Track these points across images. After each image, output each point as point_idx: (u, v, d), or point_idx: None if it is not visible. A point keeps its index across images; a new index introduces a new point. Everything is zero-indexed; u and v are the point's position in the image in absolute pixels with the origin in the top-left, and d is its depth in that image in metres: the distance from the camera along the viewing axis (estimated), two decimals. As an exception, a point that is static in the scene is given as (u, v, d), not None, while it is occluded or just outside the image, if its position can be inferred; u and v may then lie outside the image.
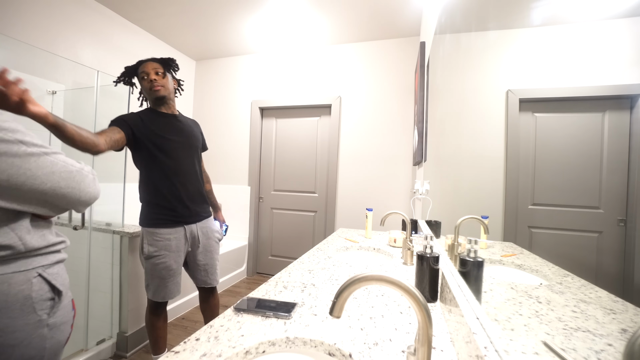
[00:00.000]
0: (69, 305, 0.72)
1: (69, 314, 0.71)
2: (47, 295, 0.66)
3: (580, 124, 0.34)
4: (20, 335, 0.61)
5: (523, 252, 0.46)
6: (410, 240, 1.24)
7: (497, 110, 0.55)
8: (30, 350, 0.62)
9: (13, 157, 0.60)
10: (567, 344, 0.31)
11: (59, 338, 0.68)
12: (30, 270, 0.64)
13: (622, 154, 0.28)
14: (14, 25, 1.91)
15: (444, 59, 1.17)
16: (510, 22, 0.54)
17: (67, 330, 0.70)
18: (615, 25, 0.30)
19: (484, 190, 0.64)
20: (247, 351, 0.60)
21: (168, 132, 1.46)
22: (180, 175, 1.47)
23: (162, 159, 1.42)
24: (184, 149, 1.50)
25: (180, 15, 2.59)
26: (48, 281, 0.67)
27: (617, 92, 0.29)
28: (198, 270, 1.55)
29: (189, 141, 1.54)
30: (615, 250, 0.29)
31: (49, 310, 0.66)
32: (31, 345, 0.62)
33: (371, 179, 2.85)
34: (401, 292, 0.43)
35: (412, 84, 2.73)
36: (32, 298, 0.63)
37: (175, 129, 1.50)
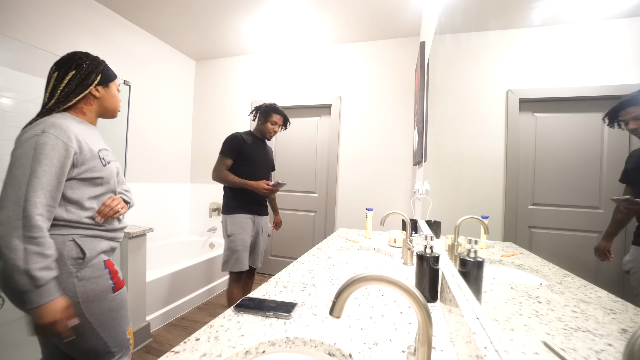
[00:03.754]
0: (99, 264, 0.91)
1: (99, 271, 0.90)
2: (76, 255, 0.86)
3: (580, 124, 0.34)
4: (59, 279, 0.82)
5: (523, 252, 0.46)
6: (410, 240, 1.24)
7: (497, 110, 0.55)
8: (67, 292, 0.84)
9: None
10: (567, 344, 0.31)
11: (90, 287, 0.87)
12: (67, 235, 0.86)
13: (622, 154, 0.28)
14: (14, 25, 1.91)
15: (444, 59, 1.17)
16: (510, 22, 0.54)
17: (102, 283, 0.90)
18: (615, 25, 0.30)
19: (484, 190, 0.64)
20: (247, 351, 0.60)
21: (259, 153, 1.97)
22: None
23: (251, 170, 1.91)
24: (264, 165, 2.01)
25: (180, 15, 2.59)
26: (78, 245, 0.87)
27: (617, 92, 0.29)
28: (255, 253, 2.00)
29: (267, 161, 2.05)
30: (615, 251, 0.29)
31: (77, 266, 0.86)
32: (67, 289, 0.84)
33: (371, 179, 2.85)
34: (401, 292, 0.43)
35: (412, 84, 2.73)
36: (63, 255, 0.84)
37: (263, 152, 2.01)
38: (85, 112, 0.95)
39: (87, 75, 0.91)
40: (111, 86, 0.99)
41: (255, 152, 1.94)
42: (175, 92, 3.27)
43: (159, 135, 3.06)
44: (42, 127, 0.80)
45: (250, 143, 1.92)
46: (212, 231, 3.32)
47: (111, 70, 1.00)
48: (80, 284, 0.86)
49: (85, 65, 0.91)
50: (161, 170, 3.09)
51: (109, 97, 0.98)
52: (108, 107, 0.99)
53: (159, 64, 3.04)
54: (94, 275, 0.88)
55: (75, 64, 0.90)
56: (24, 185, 0.76)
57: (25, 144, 0.79)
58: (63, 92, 0.89)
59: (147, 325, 1.95)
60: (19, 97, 1.94)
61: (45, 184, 0.78)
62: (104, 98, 0.97)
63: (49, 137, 0.80)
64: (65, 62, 0.91)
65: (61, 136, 0.81)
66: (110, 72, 0.99)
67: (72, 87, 0.89)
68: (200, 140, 3.49)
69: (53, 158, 0.80)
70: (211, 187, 3.39)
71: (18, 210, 0.74)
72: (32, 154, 0.77)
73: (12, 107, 1.91)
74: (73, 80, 0.89)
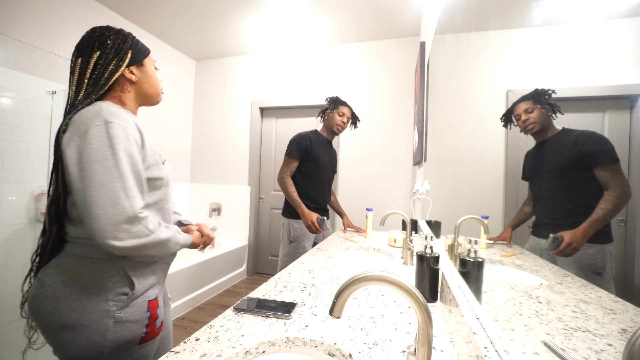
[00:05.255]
0: (143, 305, 0.72)
1: (140, 314, 0.71)
2: (122, 290, 0.70)
3: (580, 124, 0.34)
4: (92, 317, 0.66)
5: (523, 252, 0.46)
6: (410, 240, 1.24)
7: (497, 110, 0.55)
8: (96, 335, 0.66)
9: None
10: (567, 344, 0.31)
11: (123, 334, 0.69)
12: (116, 262, 0.70)
13: (622, 154, 0.28)
14: (14, 25, 1.91)
15: (444, 59, 1.17)
16: (510, 22, 0.54)
17: (136, 330, 0.71)
18: (615, 25, 0.30)
19: (484, 190, 0.64)
20: (247, 351, 0.60)
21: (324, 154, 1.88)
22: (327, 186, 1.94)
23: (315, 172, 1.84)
24: (329, 167, 1.93)
25: (180, 15, 2.59)
26: (129, 276, 0.70)
27: (617, 92, 0.29)
28: None
29: (332, 163, 1.97)
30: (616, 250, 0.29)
31: (119, 304, 0.69)
32: (97, 330, 0.66)
33: (371, 179, 2.85)
34: (401, 292, 0.43)
35: (412, 84, 2.73)
36: (107, 287, 0.68)
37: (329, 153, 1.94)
38: (124, 100, 0.77)
39: (116, 53, 0.73)
40: (146, 64, 0.80)
41: (321, 152, 1.85)
42: (175, 92, 3.27)
43: (159, 135, 3.06)
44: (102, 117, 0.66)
45: (317, 143, 1.84)
46: (212, 231, 3.32)
47: (141, 43, 0.80)
48: (114, 329, 0.68)
49: (109, 42, 0.73)
50: (161, 170, 3.09)
51: (146, 78, 0.80)
52: (148, 91, 0.81)
53: (158, 64, 3.04)
54: (132, 319, 0.70)
55: (98, 42, 0.72)
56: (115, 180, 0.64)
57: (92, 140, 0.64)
58: (91, 80, 0.71)
59: (147, 325, 1.95)
60: (19, 97, 1.94)
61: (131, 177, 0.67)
62: (141, 81, 0.79)
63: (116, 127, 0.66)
64: (87, 42, 0.72)
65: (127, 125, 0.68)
66: (142, 46, 0.80)
67: (100, 72, 0.71)
68: (200, 140, 3.49)
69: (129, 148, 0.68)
70: (211, 187, 3.39)
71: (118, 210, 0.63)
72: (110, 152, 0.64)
73: (12, 107, 1.91)
74: (99, 63, 0.71)
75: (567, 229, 0.34)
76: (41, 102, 2.05)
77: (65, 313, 0.66)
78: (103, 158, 0.64)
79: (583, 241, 0.33)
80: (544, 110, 0.37)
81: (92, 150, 0.63)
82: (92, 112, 0.66)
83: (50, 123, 2.11)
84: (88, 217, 0.62)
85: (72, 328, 0.66)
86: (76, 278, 0.68)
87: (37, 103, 2.03)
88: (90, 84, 0.71)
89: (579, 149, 0.34)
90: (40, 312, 0.67)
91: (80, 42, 0.74)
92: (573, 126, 0.35)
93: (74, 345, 0.66)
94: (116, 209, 0.63)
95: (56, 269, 0.69)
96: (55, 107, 2.12)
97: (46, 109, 2.09)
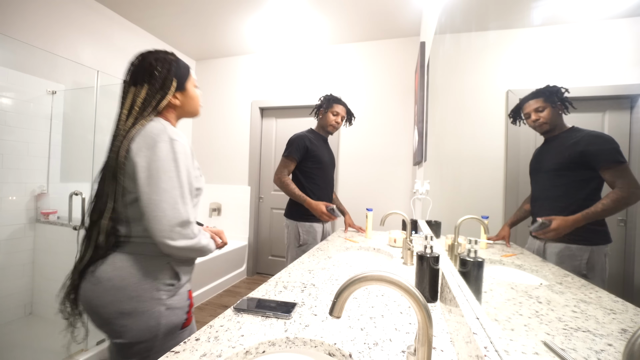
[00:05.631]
0: (184, 293, 0.85)
1: (184, 301, 0.84)
2: (170, 281, 0.81)
3: (581, 124, 0.34)
4: (147, 305, 0.76)
5: (523, 252, 0.46)
6: (410, 240, 1.24)
7: (497, 110, 0.55)
8: (151, 320, 0.76)
9: None
10: (567, 344, 0.31)
11: (172, 319, 0.79)
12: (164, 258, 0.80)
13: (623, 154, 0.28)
14: (14, 25, 1.91)
15: (444, 59, 1.17)
16: (510, 22, 0.54)
17: (181, 316, 0.82)
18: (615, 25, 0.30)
19: (484, 190, 0.64)
20: (247, 351, 0.60)
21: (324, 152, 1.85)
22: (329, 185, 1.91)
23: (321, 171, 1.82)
24: (330, 165, 1.90)
25: (180, 15, 2.59)
26: (174, 270, 0.82)
27: (617, 92, 0.29)
28: None
29: (332, 160, 1.93)
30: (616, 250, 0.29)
31: (169, 293, 0.80)
32: (152, 316, 0.76)
33: (371, 179, 2.85)
34: (401, 292, 0.43)
35: (412, 84, 2.73)
36: (158, 279, 0.79)
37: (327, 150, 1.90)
38: (168, 118, 0.88)
39: (162, 84, 0.83)
40: (188, 87, 0.89)
41: (321, 151, 1.82)
42: (175, 92, 3.27)
43: (159, 135, 3.06)
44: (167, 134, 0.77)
45: (316, 142, 1.81)
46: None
47: (183, 64, 0.89)
48: (166, 314, 0.78)
49: (157, 73, 0.83)
50: (161, 170, 3.09)
51: (187, 100, 0.90)
52: (189, 111, 0.92)
53: (159, 64, 3.04)
54: (178, 306, 0.81)
55: (148, 74, 0.82)
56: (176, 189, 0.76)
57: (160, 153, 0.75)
58: (141, 109, 0.81)
59: (147, 325, 1.95)
60: (19, 97, 1.94)
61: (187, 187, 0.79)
62: (183, 104, 0.89)
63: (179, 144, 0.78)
64: (137, 72, 0.83)
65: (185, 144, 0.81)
66: (183, 70, 0.88)
67: (148, 102, 0.82)
68: (200, 140, 3.49)
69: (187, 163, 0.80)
70: (211, 187, 3.39)
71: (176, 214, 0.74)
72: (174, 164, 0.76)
73: (12, 107, 1.91)
74: (148, 94, 0.82)
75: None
76: (41, 102, 2.05)
77: (125, 302, 0.75)
78: (168, 169, 0.75)
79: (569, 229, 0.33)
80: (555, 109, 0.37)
81: (160, 161, 0.75)
82: (158, 129, 0.77)
83: (50, 123, 2.11)
84: (150, 217, 0.73)
85: (130, 315, 0.75)
86: (131, 272, 0.77)
87: (37, 103, 2.03)
88: (139, 112, 0.81)
89: (580, 148, 0.33)
90: (100, 303, 0.75)
91: (133, 70, 0.84)
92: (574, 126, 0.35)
93: (133, 330, 0.75)
94: (174, 213, 0.74)
95: (111, 266, 0.77)
96: (55, 107, 2.12)
97: (46, 109, 2.09)
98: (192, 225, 0.78)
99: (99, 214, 0.79)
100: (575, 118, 0.35)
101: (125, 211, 0.79)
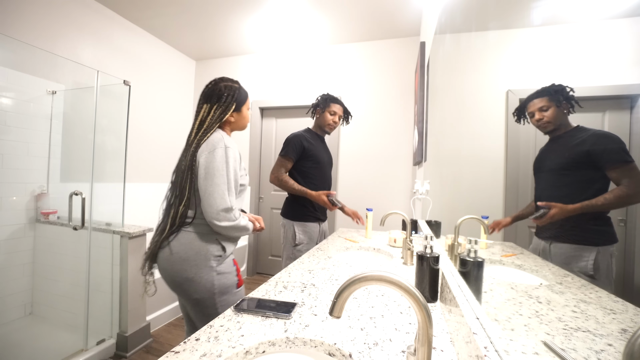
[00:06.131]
0: (230, 261, 1.10)
1: (230, 267, 1.09)
2: (217, 253, 1.05)
3: (581, 124, 0.34)
4: (202, 274, 1.02)
5: (523, 252, 0.46)
6: (410, 240, 1.24)
7: (497, 110, 0.55)
8: (207, 283, 1.02)
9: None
10: (567, 344, 0.31)
11: (223, 281, 1.05)
12: (213, 236, 1.06)
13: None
14: (14, 25, 1.91)
15: (444, 59, 1.17)
16: (510, 22, 0.54)
17: (231, 278, 1.08)
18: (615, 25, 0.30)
19: (484, 190, 0.64)
20: (247, 351, 0.60)
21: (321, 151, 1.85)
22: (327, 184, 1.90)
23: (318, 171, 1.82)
24: (328, 164, 1.91)
25: (180, 15, 2.59)
26: (221, 244, 1.07)
27: (617, 92, 0.29)
28: None
29: (329, 158, 1.94)
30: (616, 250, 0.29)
31: (217, 262, 1.05)
32: (208, 280, 1.02)
33: (371, 179, 2.85)
34: (401, 292, 0.43)
35: (412, 84, 2.73)
36: (209, 252, 1.04)
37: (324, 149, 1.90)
38: (225, 129, 1.15)
39: (225, 105, 1.11)
40: (243, 110, 1.18)
41: (319, 150, 1.82)
42: (175, 92, 3.27)
43: (159, 135, 3.06)
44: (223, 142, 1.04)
45: (314, 142, 1.81)
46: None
47: (244, 92, 1.19)
48: (218, 278, 1.04)
49: (224, 97, 1.11)
50: (161, 170, 3.09)
51: (240, 119, 1.18)
52: (239, 126, 1.20)
53: (159, 64, 3.04)
54: (226, 271, 1.07)
55: (217, 97, 1.11)
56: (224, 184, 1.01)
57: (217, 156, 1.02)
58: (209, 123, 1.09)
59: (147, 325, 1.95)
60: (19, 97, 1.94)
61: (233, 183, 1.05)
62: (236, 121, 1.17)
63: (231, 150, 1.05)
64: (211, 95, 1.12)
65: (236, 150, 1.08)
66: (242, 97, 1.17)
67: (215, 118, 1.10)
68: (200, 140, 3.49)
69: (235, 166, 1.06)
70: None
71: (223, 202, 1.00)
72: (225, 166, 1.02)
73: (12, 107, 1.91)
74: (216, 112, 1.10)
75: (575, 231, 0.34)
76: (41, 102, 2.05)
77: (188, 270, 1.01)
78: (220, 168, 1.01)
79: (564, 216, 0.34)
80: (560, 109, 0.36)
81: (216, 162, 1.01)
82: (217, 138, 1.05)
83: (50, 123, 2.11)
84: (205, 203, 1.01)
85: (193, 280, 1.01)
86: (191, 247, 1.02)
87: (37, 103, 2.03)
88: (208, 125, 1.09)
89: (586, 148, 0.33)
90: (172, 269, 1.02)
91: (207, 92, 1.14)
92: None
93: (196, 292, 1.01)
94: (221, 201, 1.00)
95: (179, 241, 1.03)
96: (55, 107, 2.12)
97: (46, 109, 2.09)
98: (234, 211, 1.03)
99: (179, 201, 1.04)
100: (575, 118, 0.35)
101: (193, 199, 1.05)
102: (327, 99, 1.82)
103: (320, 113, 1.83)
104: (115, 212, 1.96)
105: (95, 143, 1.86)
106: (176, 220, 1.04)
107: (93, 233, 1.86)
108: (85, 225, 1.81)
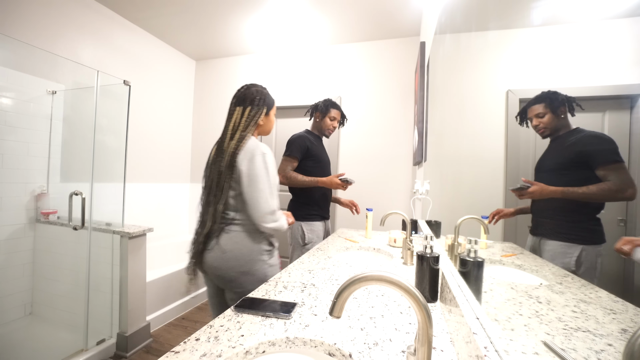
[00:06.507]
0: (276, 255, 1.21)
1: (277, 260, 1.20)
2: (268, 248, 1.16)
3: (581, 124, 0.34)
4: (257, 267, 1.11)
5: (523, 252, 0.46)
6: (410, 240, 1.24)
7: (497, 110, 0.55)
8: (261, 274, 1.11)
9: None
10: (567, 344, 0.31)
11: (274, 272, 1.15)
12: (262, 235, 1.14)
13: (622, 154, 0.28)
14: (14, 25, 1.91)
15: (444, 59, 1.17)
16: (510, 22, 0.54)
17: (277, 270, 1.18)
18: (615, 25, 0.30)
19: (484, 190, 0.64)
20: (247, 351, 0.60)
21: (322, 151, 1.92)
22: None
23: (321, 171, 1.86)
24: (328, 164, 1.96)
25: (180, 15, 2.59)
26: (270, 240, 1.17)
27: (617, 92, 0.29)
28: None
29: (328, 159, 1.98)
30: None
31: (268, 256, 1.15)
32: (262, 272, 1.11)
33: (371, 179, 2.85)
34: (401, 292, 0.43)
35: (412, 84, 2.73)
36: (261, 249, 1.13)
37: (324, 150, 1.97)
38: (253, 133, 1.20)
39: (257, 109, 1.17)
40: (270, 114, 1.23)
41: (319, 150, 1.88)
42: (175, 92, 3.27)
43: (159, 135, 3.06)
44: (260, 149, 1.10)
45: (315, 142, 1.86)
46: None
47: (270, 97, 1.23)
48: (270, 270, 1.14)
49: (256, 101, 1.17)
50: (161, 170, 3.09)
51: (267, 122, 1.23)
52: (265, 130, 1.25)
53: (159, 64, 3.04)
54: (275, 264, 1.18)
55: (250, 101, 1.16)
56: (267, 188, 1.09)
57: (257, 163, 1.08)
58: (243, 125, 1.15)
59: (147, 325, 1.95)
60: (19, 97, 1.94)
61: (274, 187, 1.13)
62: (264, 125, 1.23)
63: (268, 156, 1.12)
64: (244, 99, 1.17)
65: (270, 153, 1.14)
66: (271, 101, 1.23)
67: (248, 121, 1.15)
68: (201, 140, 3.49)
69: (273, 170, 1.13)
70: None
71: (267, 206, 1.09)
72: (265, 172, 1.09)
73: (12, 107, 1.91)
74: (249, 115, 1.16)
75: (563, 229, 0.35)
76: (41, 102, 2.05)
77: (243, 264, 1.09)
78: (262, 174, 1.09)
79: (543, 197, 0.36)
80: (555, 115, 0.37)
81: (256, 169, 1.08)
82: (253, 145, 1.11)
83: (50, 123, 2.11)
84: (252, 208, 1.08)
85: (248, 273, 1.09)
86: (244, 244, 1.11)
87: (37, 103, 2.03)
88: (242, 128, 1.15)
89: (579, 148, 0.34)
90: (226, 266, 1.08)
91: (241, 96, 1.18)
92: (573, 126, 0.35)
93: (250, 283, 1.08)
94: (267, 205, 1.09)
95: (231, 240, 1.10)
96: (55, 107, 2.12)
97: (46, 109, 2.09)
98: (277, 212, 1.13)
99: (216, 202, 1.10)
100: (575, 118, 0.35)
101: (234, 202, 1.12)
102: (328, 105, 1.87)
103: (321, 118, 1.88)
104: (115, 212, 1.96)
105: (95, 143, 1.86)
106: (217, 217, 1.10)
107: (93, 233, 1.86)
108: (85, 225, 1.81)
